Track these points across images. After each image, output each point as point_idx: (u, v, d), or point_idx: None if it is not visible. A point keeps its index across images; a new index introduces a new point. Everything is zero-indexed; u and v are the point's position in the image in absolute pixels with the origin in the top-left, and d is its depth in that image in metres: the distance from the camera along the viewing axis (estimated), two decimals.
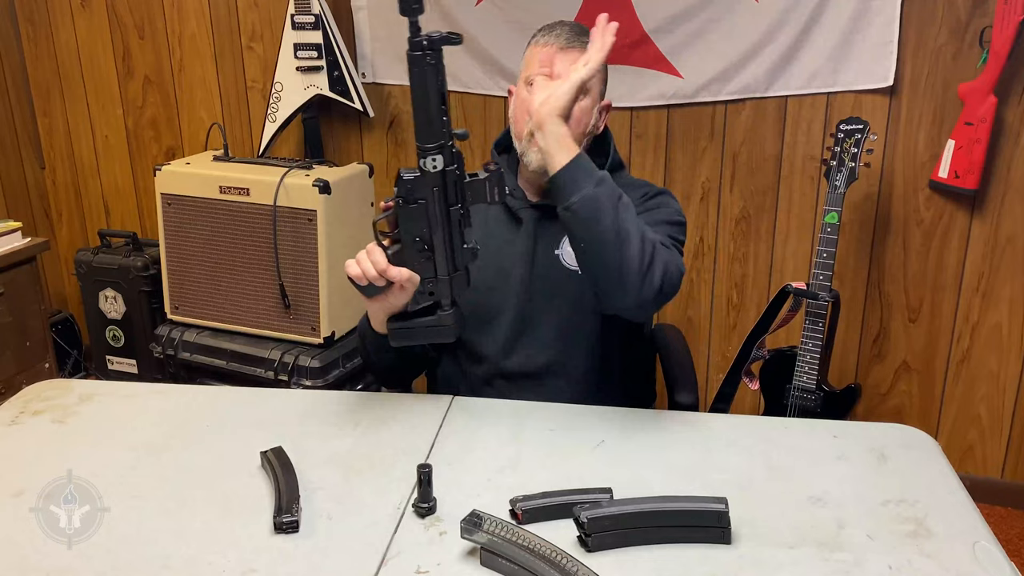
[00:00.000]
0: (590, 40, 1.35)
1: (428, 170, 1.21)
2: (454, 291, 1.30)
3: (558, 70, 1.46)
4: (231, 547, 1.10)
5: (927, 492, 1.21)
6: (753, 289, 2.67)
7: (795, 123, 2.49)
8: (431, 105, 1.19)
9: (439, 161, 1.21)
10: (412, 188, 1.23)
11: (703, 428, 1.40)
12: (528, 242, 1.56)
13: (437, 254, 1.27)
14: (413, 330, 1.35)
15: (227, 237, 2.54)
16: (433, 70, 1.18)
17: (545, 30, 1.54)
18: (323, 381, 2.49)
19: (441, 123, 1.20)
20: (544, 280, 1.56)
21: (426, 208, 1.24)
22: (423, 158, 1.21)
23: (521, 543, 1.02)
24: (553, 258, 1.56)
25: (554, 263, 1.56)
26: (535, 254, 1.56)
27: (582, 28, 1.53)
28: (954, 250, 2.45)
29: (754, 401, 2.60)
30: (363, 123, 2.87)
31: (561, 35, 1.50)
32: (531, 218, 1.57)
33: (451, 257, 1.28)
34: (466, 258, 1.29)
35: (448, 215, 1.25)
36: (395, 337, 1.37)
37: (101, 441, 1.36)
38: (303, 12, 2.60)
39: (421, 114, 1.19)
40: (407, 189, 1.23)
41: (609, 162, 1.58)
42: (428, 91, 1.18)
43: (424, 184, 1.23)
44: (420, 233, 1.26)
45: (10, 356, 2.65)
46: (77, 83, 3.11)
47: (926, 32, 2.31)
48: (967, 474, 2.54)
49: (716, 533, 1.09)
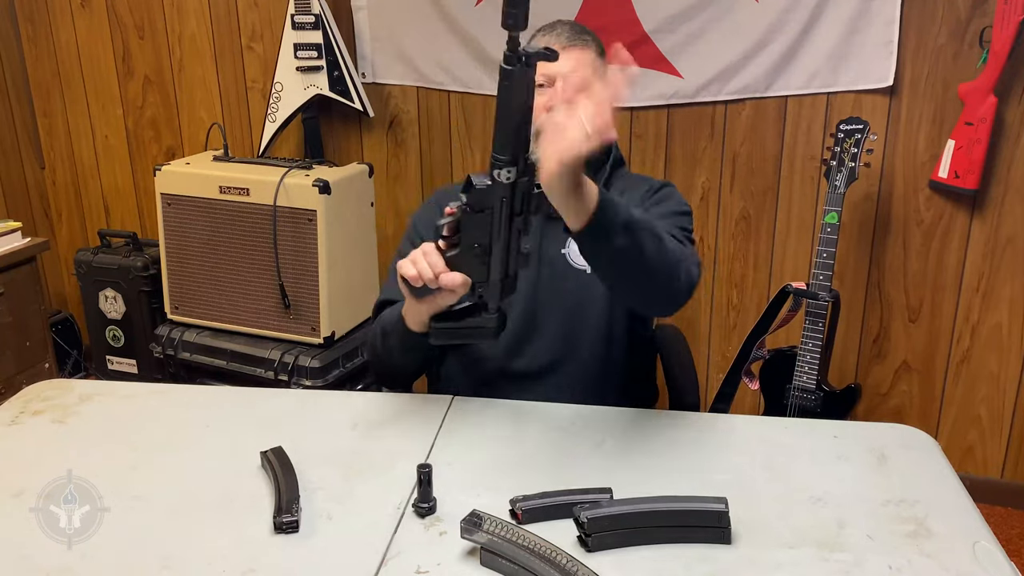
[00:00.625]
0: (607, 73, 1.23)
1: (500, 181, 1.18)
2: (503, 296, 1.28)
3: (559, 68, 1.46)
4: (231, 547, 1.10)
5: (927, 492, 1.20)
6: (753, 289, 2.67)
7: (795, 123, 2.49)
8: (516, 119, 1.14)
9: (512, 173, 1.17)
10: (482, 197, 1.19)
11: (703, 428, 1.40)
12: (534, 242, 1.56)
13: (493, 260, 1.24)
14: (456, 331, 1.32)
15: (227, 237, 2.55)
16: (524, 84, 1.13)
17: (545, 30, 1.54)
18: (323, 381, 2.49)
19: (522, 137, 1.16)
20: (550, 280, 1.56)
21: (491, 217, 1.21)
22: (497, 169, 1.17)
23: (521, 543, 1.02)
24: (560, 257, 1.56)
25: (561, 262, 1.56)
26: (541, 254, 1.56)
27: (582, 27, 1.54)
28: (954, 250, 2.45)
29: (754, 401, 2.60)
30: (363, 123, 2.87)
31: (562, 34, 1.51)
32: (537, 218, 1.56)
33: (506, 263, 1.25)
34: (520, 263, 1.26)
35: (512, 224, 1.22)
36: (437, 336, 1.33)
37: (101, 441, 1.36)
38: (303, 12, 2.60)
39: (504, 126, 1.15)
40: (477, 198, 1.19)
41: (611, 158, 1.59)
42: (516, 104, 1.14)
43: (494, 194, 1.19)
44: (481, 240, 1.23)
45: (10, 356, 2.65)
46: (77, 83, 3.11)
47: (926, 32, 2.31)
48: (967, 474, 2.53)
49: (716, 533, 1.09)
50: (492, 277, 1.25)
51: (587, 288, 1.55)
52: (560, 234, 1.55)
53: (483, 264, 1.24)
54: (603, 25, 2.50)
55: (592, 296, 1.55)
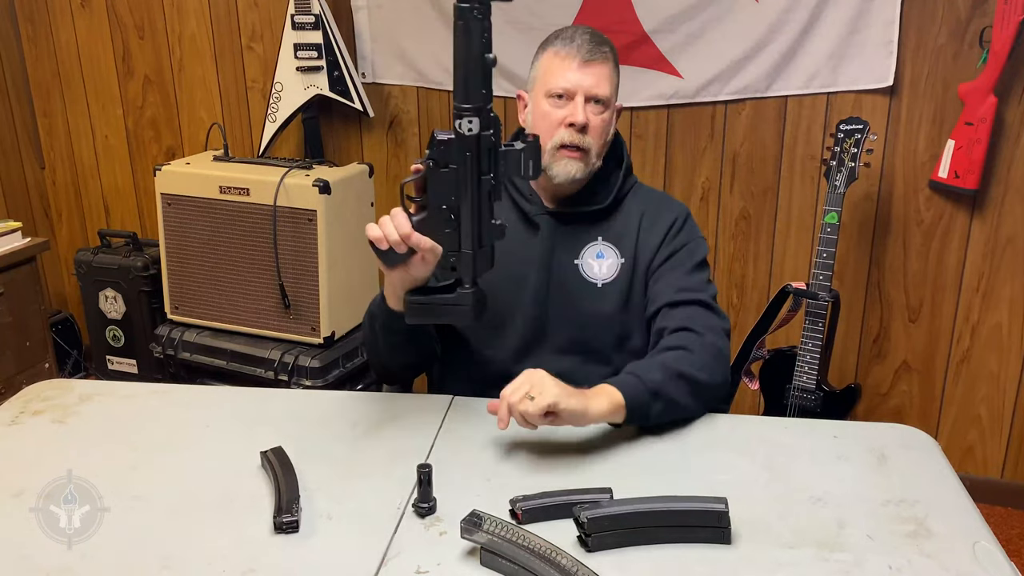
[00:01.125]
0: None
1: (463, 132, 1.16)
2: (477, 269, 1.24)
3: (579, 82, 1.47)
4: (231, 547, 1.10)
5: (927, 492, 1.20)
6: (753, 289, 2.67)
7: (795, 123, 2.49)
8: (473, 63, 1.13)
9: (475, 124, 1.15)
10: (445, 150, 1.17)
11: (703, 428, 1.40)
12: (544, 249, 1.55)
13: (463, 226, 1.21)
14: (430, 306, 1.28)
15: (227, 237, 2.55)
16: (479, 26, 1.11)
17: (563, 39, 1.51)
18: (323, 381, 2.49)
19: (481, 85, 1.15)
20: (560, 288, 1.54)
21: (456, 173, 1.18)
22: (459, 119, 1.15)
23: (521, 543, 1.02)
24: (572, 268, 1.55)
25: (573, 273, 1.54)
26: (552, 261, 1.55)
27: (601, 37, 1.52)
28: (954, 250, 2.45)
29: (754, 401, 2.60)
30: (363, 123, 2.87)
31: (583, 46, 1.48)
32: (548, 224, 1.55)
33: (477, 232, 1.22)
34: (493, 235, 1.23)
35: (479, 184, 1.19)
36: (411, 312, 1.30)
37: (101, 441, 1.36)
38: (303, 12, 2.60)
39: (460, 72, 1.13)
40: (440, 151, 1.17)
41: (624, 167, 1.59)
42: (471, 48, 1.12)
43: (457, 148, 1.17)
44: (448, 201, 1.20)
45: (10, 356, 2.65)
46: (77, 83, 3.11)
47: (926, 32, 2.31)
48: (967, 474, 2.53)
49: (716, 533, 1.09)
50: (463, 247, 1.22)
51: (600, 302, 1.54)
52: (574, 244, 1.55)
53: (454, 231, 1.22)
54: (603, 25, 2.49)
55: (605, 311, 1.54)
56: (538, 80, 1.53)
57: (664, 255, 1.54)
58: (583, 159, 1.49)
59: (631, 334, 1.55)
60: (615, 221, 1.56)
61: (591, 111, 1.48)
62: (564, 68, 1.48)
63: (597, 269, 1.54)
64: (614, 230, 1.56)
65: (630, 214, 1.57)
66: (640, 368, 1.36)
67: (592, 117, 1.48)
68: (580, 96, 1.47)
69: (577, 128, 1.47)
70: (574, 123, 1.46)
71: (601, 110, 1.50)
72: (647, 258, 1.54)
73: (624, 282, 1.54)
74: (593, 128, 1.48)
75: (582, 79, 1.47)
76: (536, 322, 1.54)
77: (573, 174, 1.49)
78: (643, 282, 1.55)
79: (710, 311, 1.48)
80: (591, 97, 1.48)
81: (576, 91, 1.47)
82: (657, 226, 1.56)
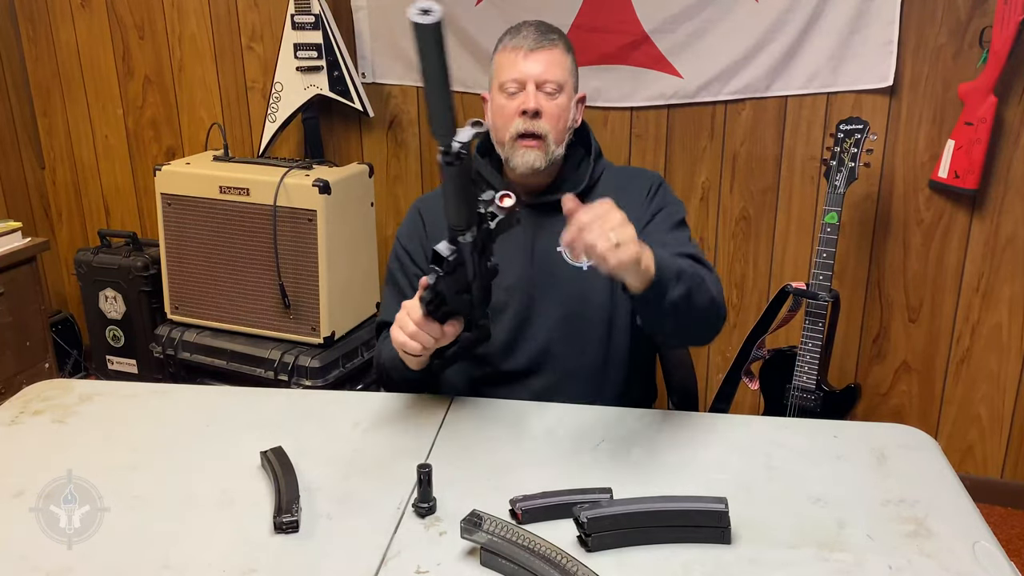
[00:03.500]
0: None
1: (466, 242, 1.22)
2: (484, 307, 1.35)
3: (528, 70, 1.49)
4: (231, 547, 1.10)
5: (927, 492, 1.20)
6: (753, 289, 2.67)
7: (795, 123, 2.49)
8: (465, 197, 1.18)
9: (474, 231, 1.22)
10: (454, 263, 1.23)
11: (703, 428, 1.40)
12: (525, 240, 1.56)
13: (475, 293, 1.30)
14: (459, 354, 1.40)
15: (227, 237, 2.55)
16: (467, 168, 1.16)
17: (511, 33, 1.54)
18: (323, 381, 2.49)
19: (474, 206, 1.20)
20: (546, 276, 1.56)
21: (465, 270, 1.25)
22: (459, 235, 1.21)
23: (521, 543, 1.02)
24: (555, 255, 1.56)
25: (556, 260, 1.56)
26: (534, 251, 1.56)
27: (548, 26, 1.55)
28: (954, 250, 2.45)
29: (754, 401, 2.60)
30: (363, 123, 2.87)
31: (528, 36, 1.51)
32: (527, 217, 1.56)
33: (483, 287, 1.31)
34: (490, 276, 1.31)
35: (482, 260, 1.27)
36: (441, 368, 1.42)
37: (101, 441, 1.36)
38: (303, 12, 2.60)
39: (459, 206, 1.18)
40: (451, 266, 1.23)
41: (593, 151, 1.61)
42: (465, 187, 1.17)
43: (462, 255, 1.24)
44: (462, 289, 1.28)
45: (10, 356, 2.65)
46: (77, 83, 3.11)
47: (926, 32, 2.31)
48: (967, 474, 2.54)
49: (716, 533, 1.09)
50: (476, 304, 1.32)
51: (586, 286, 1.55)
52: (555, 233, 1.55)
53: (467, 301, 1.31)
54: (603, 25, 2.51)
55: (592, 294, 1.55)
56: (493, 78, 1.56)
57: (645, 219, 1.55)
58: (541, 147, 1.50)
59: (621, 313, 1.56)
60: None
61: (543, 97, 1.50)
62: (513, 60, 1.51)
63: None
64: None
65: (605, 193, 1.57)
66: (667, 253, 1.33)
67: (545, 103, 1.49)
68: (531, 84, 1.49)
69: (530, 115, 1.48)
70: (526, 110, 1.48)
71: (554, 94, 1.50)
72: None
73: None
74: (548, 114, 1.49)
75: (530, 67, 1.49)
76: (523, 313, 1.56)
77: (532, 163, 1.50)
78: None
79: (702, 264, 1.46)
80: (542, 83, 1.50)
81: (526, 79, 1.49)
82: (633, 197, 1.56)
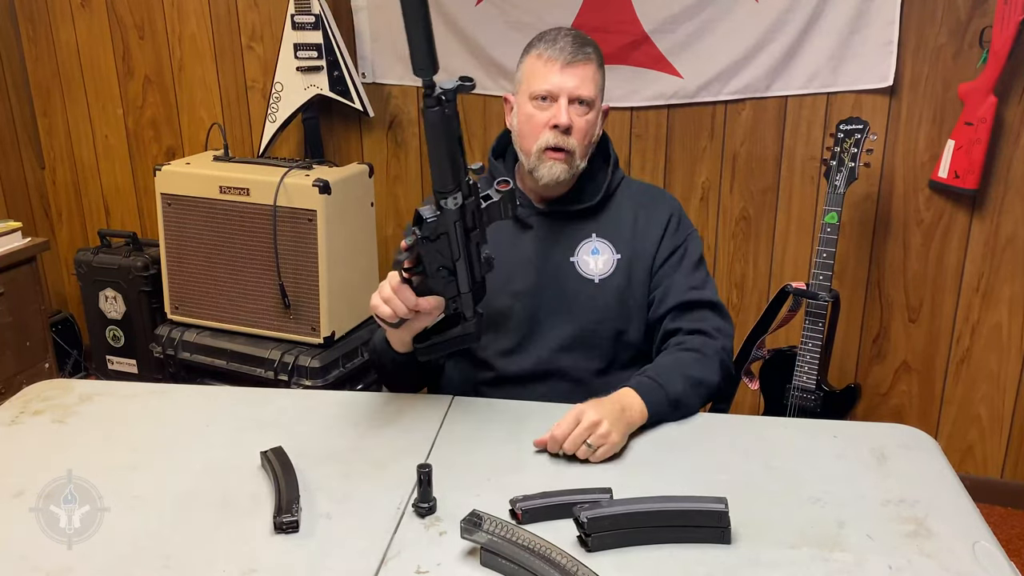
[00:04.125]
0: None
1: (449, 208, 1.23)
2: (476, 303, 1.34)
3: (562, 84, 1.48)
4: (231, 547, 1.10)
5: (927, 492, 1.20)
6: (753, 289, 2.67)
7: (795, 123, 2.49)
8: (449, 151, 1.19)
9: (459, 198, 1.23)
10: (434, 227, 1.25)
11: (703, 428, 1.40)
12: (537, 247, 1.56)
13: (459, 275, 1.30)
14: (441, 344, 1.39)
15: (227, 237, 2.54)
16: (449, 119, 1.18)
17: (547, 41, 1.51)
18: (323, 381, 2.49)
19: (459, 166, 1.21)
20: (555, 285, 1.55)
21: (447, 239, 1.26)
22: (443, 199, 1.23)
23: (521, 543, 1.02)
24: (568, 265, 1.55)
25: (568, 270, 1.55)
26: (545, 260, 1.56)
27: (584, 38, 1.52)
28: (954, 250, 2.45)
29: (754, 401, 2.60)
30: (363, 123, 2.87)
31: (565, 48, 1.49)
32: (540, 224, 1.57)
33: (471, 274, 1.31)
34: (484, 269, 1.32)
35: (468, 240, 1.28)
36: (423, 354, 1.41)
37: (101, 441, 1.36)
38: (303, 12, 2.60)
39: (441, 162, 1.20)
40: (430, 229, 1.24)
41: (612, 161, 1.60)
42: (446, 140, 1.18)
43: (445, 221, 1.25)
44: (444, 263, 1.28)
45: (10, 356, 2.65)
46: (77, 83, 3.11)
47: (926, 32, 2.31)
48: (967, 474, 2.53)
49: (716, 533, 1.09)
50: (462, 290, 1.32)
51: (597, 298, 1.55)
52: (568, 242, 1.55)
53: (451, 282, 1.31)
54: (603, 25, 2.50)
55: (602, 306, 1.55)
56: (522, 83, 1.54)
57: (665, 253, 1.56)
58: (567, 161, 1.50)
59: (628, 328, 1.56)
60: (607, 217, 1.58)
61: (575, 112, 1.49)
62: (547, 70, 1.49)
63: (593, 265, 1.55)
64: (607, 226, 1.57)
65: (622, 209, 1.59)
66: (663, 375, 1.42)
67: (576, 119, 1.49)
68: (564, 98, 1.48)
69: (561, 130, 1.48)
70: (558, 125, 1.47)
71: (585, 111, 1.50)
72: (647, 255, 1.56)
73: (621, 277, 1.55)
74: (577, 129, 1.49)
75: (565, 81, 1.48)
76: (530, 320, 1.55)
77: (558, 176, 1.50)
78: (642, 278, 1.56)
79: (718, 313, 1.55)
80: (575, 98, 1.49)
81: (559, 93, 1.48)
82: (653, 223, 1.58)
